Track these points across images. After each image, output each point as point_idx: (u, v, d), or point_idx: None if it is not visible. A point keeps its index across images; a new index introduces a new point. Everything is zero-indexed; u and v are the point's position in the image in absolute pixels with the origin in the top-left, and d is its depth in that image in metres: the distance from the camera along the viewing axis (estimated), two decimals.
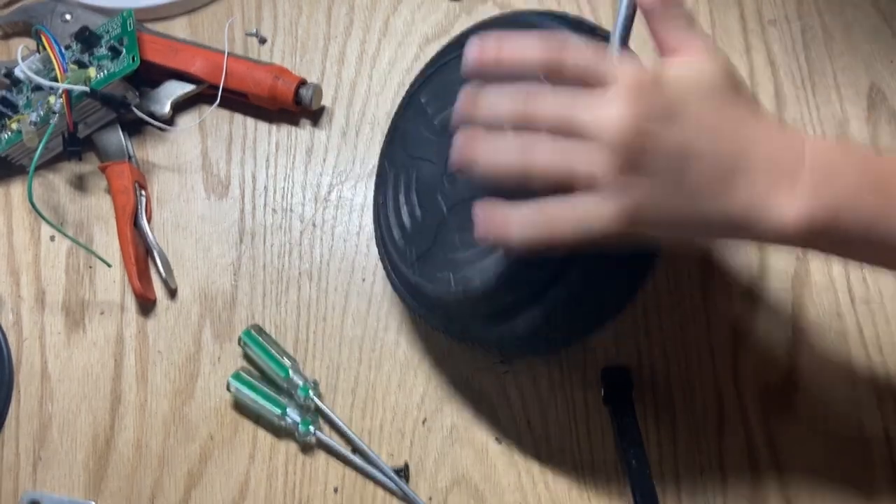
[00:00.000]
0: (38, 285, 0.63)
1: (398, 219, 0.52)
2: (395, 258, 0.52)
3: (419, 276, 0.50)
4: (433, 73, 0.51)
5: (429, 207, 0.50)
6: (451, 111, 0.48)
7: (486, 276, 0.45)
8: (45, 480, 0.59)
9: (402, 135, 0.53)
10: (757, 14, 0.68)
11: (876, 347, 0.59)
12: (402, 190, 0.52)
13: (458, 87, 0.47)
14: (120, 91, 0.64)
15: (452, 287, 0.47)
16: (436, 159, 0.50)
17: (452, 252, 0.48)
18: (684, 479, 0.56)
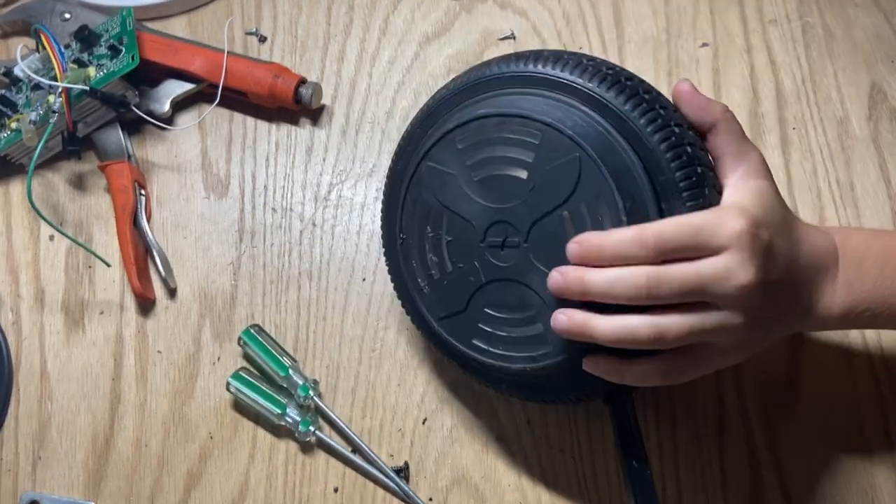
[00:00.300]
0: (37, 285, 0.63)
1: (424, 265, 0.51)
2: (417, 303, 0.51)
3: (448, 333, 0.50)
4: (473, 120, 0.47)
5: (463, 268, 0.49)
6: (496, 174, 0.47)
7: (531, 365, 0.46)
8: (45, 480, 0.59)
9: (432, 175, 0.49)
10: (758, 13, 0.68)
11: (876, 347, 0.59)
12: (428, 236, 0.50)
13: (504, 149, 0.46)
14: (119, 90, 0.64)
15: (489, 361, 0.48)
16: (474, 221, 0.48)
17: (489, 325, 0.48)
18: (684, 479, 0.56)
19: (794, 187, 0.63)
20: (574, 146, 0.44)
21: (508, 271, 0.47)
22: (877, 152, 0.64)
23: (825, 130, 0.64)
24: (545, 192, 0.45)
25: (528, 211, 0.45)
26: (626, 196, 0.43)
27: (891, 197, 0.62)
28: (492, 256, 0.48)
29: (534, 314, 0.46)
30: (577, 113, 0.45)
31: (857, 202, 0.62)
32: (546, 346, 0.46)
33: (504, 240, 0.47)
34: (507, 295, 0.47)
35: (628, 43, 0.67)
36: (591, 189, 0.43)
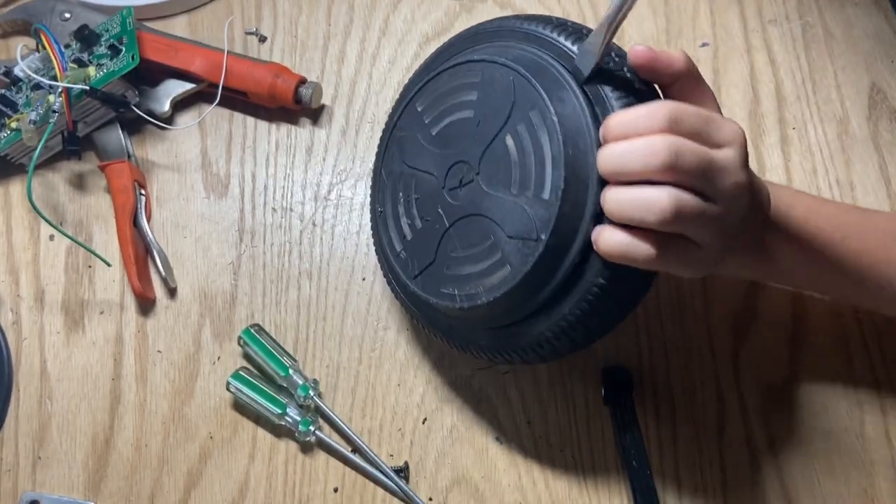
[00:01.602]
0: (37, 284, 0.63)
1: (398, 230, 0.52)
2: (396, 268, 0.52)
3: (422, 289, 0.50)
4: (428, 80, 0.51)
5: (430, 220, 0.50)
6: (449, 121, 0.49)
7: (492, 294, 0.46)
8: (45, 480, 0.59)
9: (399, 143, 0.53)
10: (758, 13, 0.68)
11: (876, 347, 0.59)
12: (401, 200, 0.52)
13: (454, 97, 0.49)
14: (119, 90, 0.64)
15: (457, 303, 0.48)
16: (436, 172, 0.50)
17: (456, 267, 0.48)
18: (684, 479, 0.56)
19: (794, 187, 0.63)
20: (509, 71, 0.46)
21: (466, 207, 0.48)
22: (877, 152, 0.64)
23: (825, 130, 0.64)
24: (489, 121, 0.46)
25: (476, 145, 0.47)
26: (557, 101, 0.44)
27: (891, 197, 0.62)
28: (452, 199, 0.49)
29: (492, 242, 0.46)
30: (514, 49, 0.47)
31: (856, 201, 0.62)
32: (504, 267, 0.45)
33: (461, 179, 0.48)
34: (469, 232, 0.47)
35: (628, 43, 0.67)
36: (526, 105, 0.45)
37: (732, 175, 0.41)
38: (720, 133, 0.41)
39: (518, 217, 0.44)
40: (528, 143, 0.44)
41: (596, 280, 0.44)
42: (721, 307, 0.60)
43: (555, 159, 0.43)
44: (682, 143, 0.39)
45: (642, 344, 0.59)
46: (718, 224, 0.41)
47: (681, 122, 0.40)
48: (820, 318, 0.59)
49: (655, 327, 0.60)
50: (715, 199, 0.40)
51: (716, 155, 0.40)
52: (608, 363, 0.59)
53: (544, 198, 0.43)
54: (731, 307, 0.60)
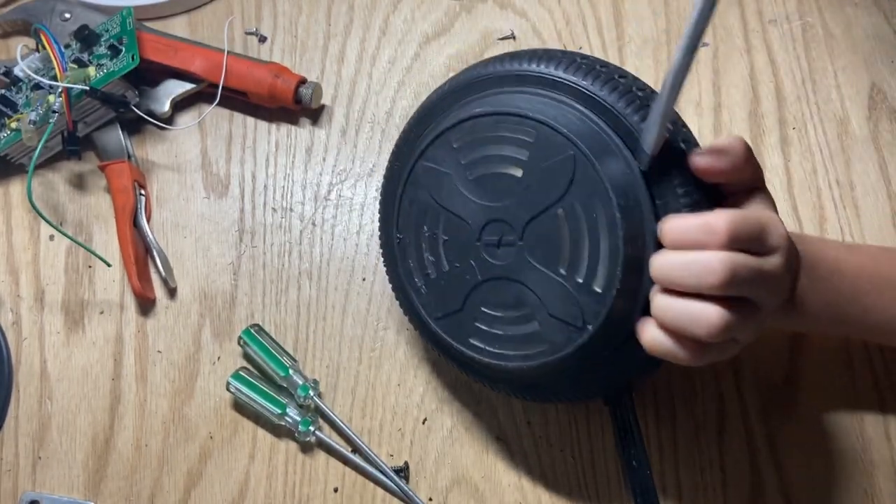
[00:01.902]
0: (37, 285, 0.63)
1: (420, 265, 0.51)
2: (414, 301, 0.51)
3: (445, 332, 0.50)
4: (467, 119, 0.47)
5: (459, 267, 0.49)
6: (491, 172, 0.47)
7: (525, 363, 0.46)
8: (45, 480, 0.59)
9: (427, 175, 0.49)
10: (758, 13, 0.68)
11: (876, 346, 0.59)
12: (424, 235, 0.50)
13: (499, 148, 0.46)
14: (119, 90, 0.64)
15: (485, 358, 0.48)
16: (470, 221, 0.48)
17: (486, 323, 0.48)
18: (684, 479, 0.56)
19: (794, 187, 0.63)
20: (568, 144, 0.43)
21: (504, 270, 0.47)
22: (877, 152, 0.64)
23: (825, 130, 0.64)
24: (540, 190, 0.45)
25: (523, 209, 0.45)
26: (620, 193, 0.42)
27: (891, 197, 0.62)
28: (488, 255, 0.47)
29: (529, 312, 0.46)
30: (571, 111, 0.45)
31: (857, 202, 0.62)
32: (541, 343, 0.45)
33: (500, 238, 0.47)
34: (503, 293, 0.47)
35: (628, 43, 0.67)
36: (586, 187, 0.43)
37: (777, 281, 0.42)
38: (771, 240, 0.41)
39: (564, 299, 0.44)
40: (584, 228, 0.43)
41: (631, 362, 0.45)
42: None
43: (612, 253, 0.42)
44: (740, 263, 0.39)
45: None
46: (760, 324, 0.42)
47: (739, 237, 0.40)
48: None
49: None
50: (760, 304, 0.41)
51: (766, 266, 0.41)
52: None
53: (595, 289, 0.43)
54: None
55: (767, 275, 0.41)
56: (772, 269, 0.41)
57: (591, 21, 0.68)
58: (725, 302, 0.39)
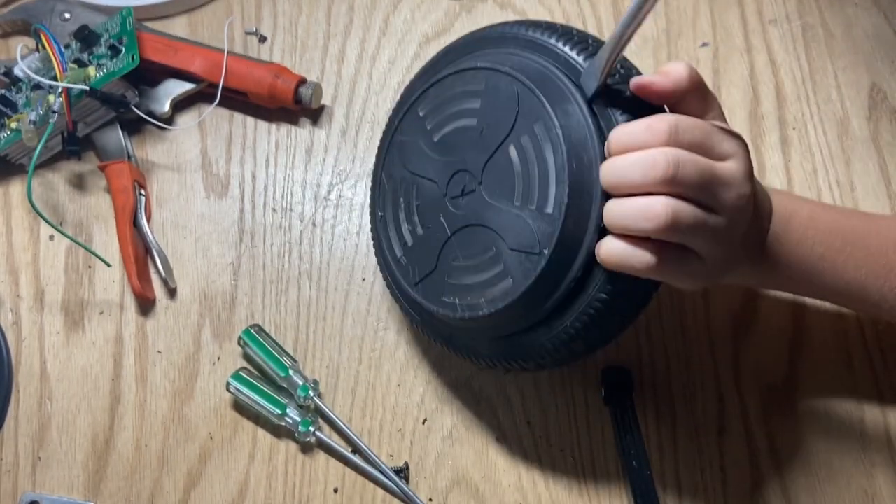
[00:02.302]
0: (37, 285, 0.63)
1: (399, 235, 0.52)
2: (396, 274, 0.52)
3: (423, 297, 0.50)
4: (431, 86, 0.50)
5: (431, 227, 0.50)
6: (452, 128, 0.48)
7: (494, 306, 0.46)
8: (45, 481, 0.58)
9: (401, 148, 0.52)
10: (758, 13, 0.68)
11: (876, 346, 0.59)
12: (401, 206, 0.52)
13: (457, 104, 0.48)
14: (119, 90, 0.64)
15: (458, 313, 0.48)
16: (437, 179, 0.49)
17: (457, 277, 0.48)
18: (684, 479, 0.56)
19: (794, 187, 0.63)
20: (512, 80, 0.45)
21: (468, 217, 0.47)
22: (877, 152, 0.64)
23: (825, 130, 0.64)
24: (492, 131, 0.46)
25: (480, 154, 0.47)
26: (562, 114, 0.43)
27: (891, 197, 0.62)
28: (454, 207, 0.48)
29: (494, 254, 0.46)
30: (518, 57, 0.47)
31: (857, 202, 0.62)
32: (506, 281, 0.45)
33: (463, 187, 0.48)
34: (471, 242, 0.47)
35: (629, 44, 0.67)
36: (531, 116, 0.44)
37: (735, 187, 0.41)
38: (723, 145, 0.41)
39: (521, 230, 0.44)
40: (532, 156, 0.44)
41: (597, 294, 0.44)
42: (721, 308, 0.60)
43: (558, 173, 0.43)
44: (682, 155, 0.39)
45: (642, 344, 0.59)
46: (719, 235, 0.41)
47: (682, 134, 0.40)
48: (820, 319, 0.59)
49: (655, 327, 0.60)
50: (717, 210, 0.41)
51: (718, 166, 0.40)
52: (608, 363, 0.59)
53: (547, 212, 0.43)
54: (730, 308, 0.60)
55: (719, 176, 0.40)
56: (724, 171, 0.40)
57: (592, 20, 0.68)
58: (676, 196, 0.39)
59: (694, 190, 0.39)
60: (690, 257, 0.41)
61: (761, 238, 0.46)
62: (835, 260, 0.49)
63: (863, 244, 0.50)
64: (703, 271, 0.42)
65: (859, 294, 0.50)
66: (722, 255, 0.42)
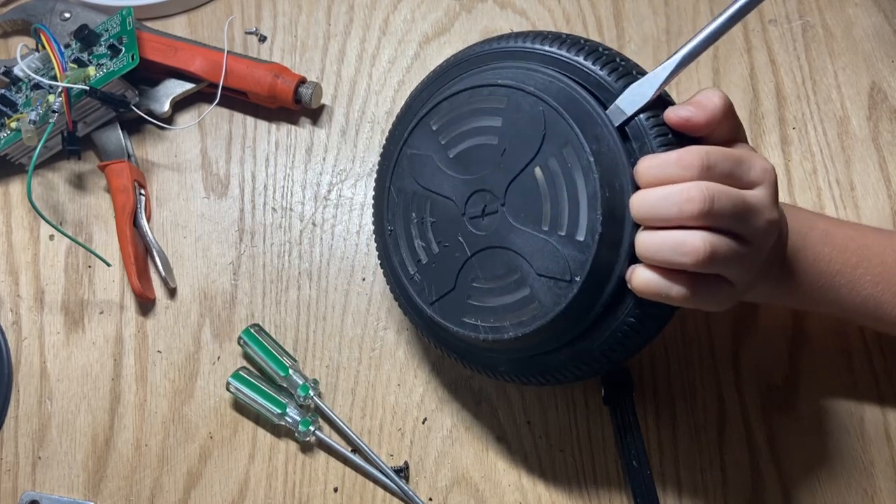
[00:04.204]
0: (37, 284, 0.63)
1: (412, 252, 0.51)
2: (409, 291, 0.51)
3: (440, 316, 0.49)
4: (444, 99, 0.49)
5: (449, 246, 0.49)
6: (469, 145, 0.47)
7: (520, 330, 0.45)
8: (45, 480, 0.59)
9: (412, 162, 0.50)
10: (758, 13, 0.68)
11: (876, 346, 0.59)
12: (413, 221, 0.51)
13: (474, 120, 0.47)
14: (119, 90, 0.64)
15: (481, 334, 0.47)
16: (454, 197, 0.48)
17: (479, 298, 0.47)
18: (684, 479, 0.56)
19: (794, 187, 0.63)
20: (538, 101, 0.44)
21: (490, 239, 0.47)
22: (877, 152, 0.64)
23: (825, 130, 0.64)
24: (516, 152, 0.45)
25: (502, 174, 0.46)
26: (592, 139, 0.43)
27: (891, 197, 0.62)
28: (473, 227, 0.47)
29: (519, 277, 0.45)
30: (540, 74, 0.46)
31: (857, 202, 0.62)
32: (533, 306, 0.45)
33: (483, 207, 0.47)
34: (493, 263, 0.47)
35: (629, 43, 0.67)
36: (558, 139, 0.43)
37: (765, 214, 0.41)
38: (751, 173, 0.41)
39: (549, 255, 0.44)
40: (562, 180, 0.43)
41: (626, 319, 0.44)
42: None
43: (590, 200, 0.42)
44: (717, 190, 0.39)
45: None
46: (751, 263, 0.41)
47: (714, 168, 0.40)
48: (820, 318, 0.59)
49: None
50: (748, 238, 0.41)
51: (748, 196, 0.41)
52: None
53: (579, 239, 0.42)
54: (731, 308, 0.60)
55: (750, 205, 0.40)
56: (755, 200, 0.41)
57: (591, 20, 0.68)
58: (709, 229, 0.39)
59: (727, 221, 0.40)
60: (723, 285, 0.42)
61: (781, 256, 0.47)
62: (851, 276, 0.49)
63: (879, 260, 0.50)
64: (734, 296, 0.43)
65: (875, 311, 0.50)
66: (752, 279, 0.43)
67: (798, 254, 0.47)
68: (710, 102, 0.42)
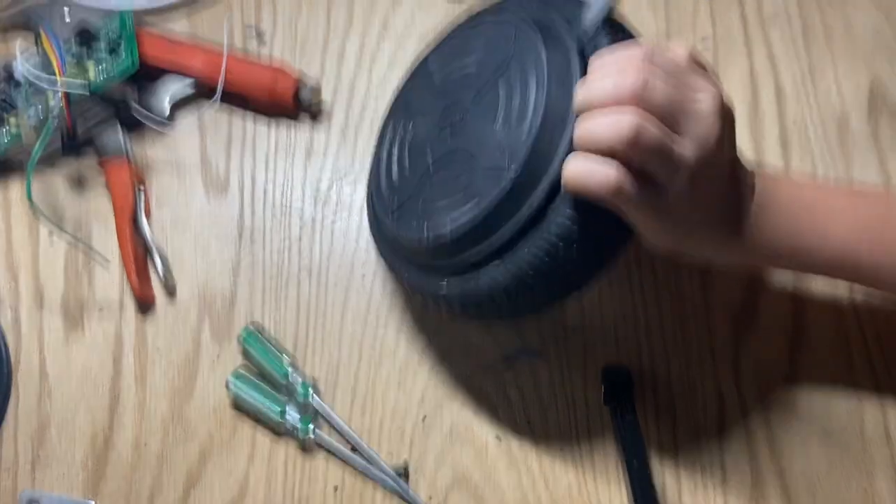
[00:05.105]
0: (36, 284, 0.63)
1: (388, 171, 0.53)
2: (377, 208, 0.53)
3: (396, 225, 0.51)
4: (442, 42, 0.53)
5: (418, 159, 0.51)
6: (453, 74, 0.51)
7: (455, 225, 0.46)
8: (44, 480, 0.58)
9: (409, 93, 0.55)
10: (758, 11, 0.68)
11: (877, 346, 0.59)
12: (396, 144, 0.54)
13: (463, 54, 0.51)
14: (119, 90, 0.64)
15: (424, 234, 0.48)
16: (430, 110, 0.51)
17: (431, 202, 0.48)
18: (684, 479, 0.56)
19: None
20: (515, 26, 0.47)
21: (449, 144, 0.49)
22: (877, 152, 0.64)
23: (825, 130, 0.64)
24: (485, 69, 0.48)
25: (473, 90, 0.48)
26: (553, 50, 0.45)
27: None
28: (439, 138, 0.50)
29: (468, 175, 0.46)
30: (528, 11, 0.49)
31: None
32: (474, 200, 0.45)
33: (451, 121, 0.49)
34: (450, 166, 0.48)
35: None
36: (524, 55, 0.46)
37: (703, 122, 0.41)
38: (697, 81, 0.42)
39: (494, 149, 0.45)
40: (518, 85, 0.45)
41: (559, 220, 0.43)
42: (721, 306, 0.60)
43: (537, 98, 0.44)
44: (653, 74, 0.40)
45: (642, 344, 0.59)
46: (683, 165, 0.41)
47: (656, 58, 0.41)
48: (820, 317, 0.59)
49: (655, 327, 0.60)
50: (683, 135, 0.41)
51: (687, 96, 0.41)
52: (608, 363, 0.59)
53: (521, 131, 0.44)
54: (731, 307, 0.60)
55: (687, 105, 0.41)
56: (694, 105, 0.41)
57: None
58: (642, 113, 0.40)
59: (661, 110, 0.40)
60: (651, 186, 0.41)
61: (742, 208, 0.46)
62: (821, 230, 0.49)
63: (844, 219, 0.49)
64: (664, 207, 0.42)
65: (844, 269, 0.51)
66: (686, 194, 0.42)
67: (761, 209, 0.47)
68: (676, 56, 0.43)
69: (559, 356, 0.59)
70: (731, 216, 0.46)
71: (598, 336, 0.59)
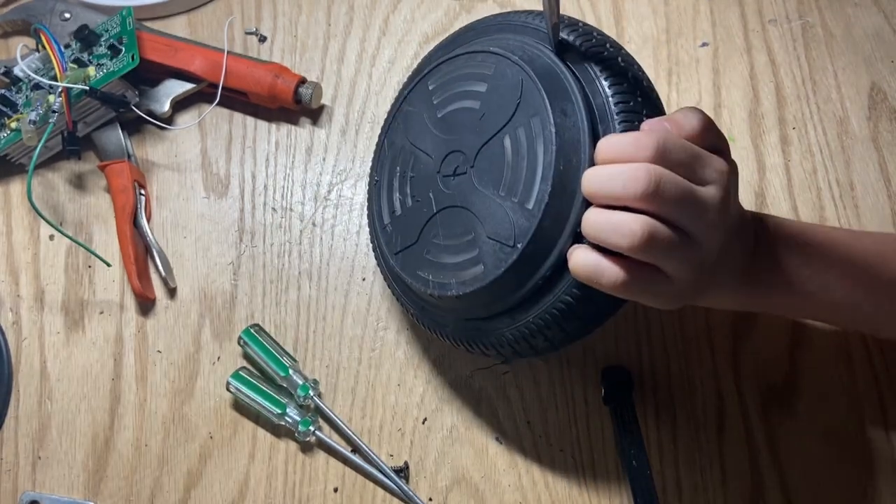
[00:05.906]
0: (37, 284, 0.63)
1: (390, 204, 0.53)
2: (381, 240, 0.53)
3: (400, 267, 0.51)
4: (444, 61, 0.51)
5: (420, 201, 0.50)
6: (455, 108, 0.49)
7: (462, 289, 0.46)
8: (45, 480, 0.59)
9: (406, 118, 0.53)
10: (758, 13, 0.68)
11: (876, 346, 0.59)
12: (397, 175, 0.53)
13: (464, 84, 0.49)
14: (119, 90, 0.64)
15: (430, 289, 0.48)
16: (434, 155, 0.50)
17: (435, 254, 0.49)
18: (684, 479, 0.56)
19: (794, 187, 0.63)
20: (520, 70, 0.45)
21: (455, 198, 0.48)
22: (877, 152, 0.64)
23: (825, 130, 0.64)
24: (492, 117, 0.46)
25: (477, 138, 0.47)
26: (559, 112, 0.44)
27: (890, 197, 0.62)
28: (444, 186, 0.49)
29: (472, 238, 0.46)
30: (532, 48, 0.47)
31: (856, 202, 0.62)
32: (478, 267, 0.45)
33: (455, 168, 0.48)
34: (453, 222, 0.48)
35: (628, 43, 0.67)
36: (530, 109, 0.44)
37: (711, 213, 0.41)
38: (706, 170, 0.41)
39: (500, 220, 0.45)
40: (524, 149, 0.44)
41: (563, 297, 0.44)
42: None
43: (545, 171, 0.43)
44: (664, 174, 0.39)
45: (642, 344, 0.59)
46: (691, 259, 0.41)
47: (669, 155, 0.40)
48: None
49: (655, 327, 0.60)
50: (691, 234, 0.41)
51: (697, 190, 0.40)
52: (608, 363, 0.59)
53: (528, 207, 0.43)
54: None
55: (698, 198, 0.40)
56: (703, 195, 0.40)
57: (591, 20, 0.68)
58: (653, 216, 0.39)
59: (672, 209, 0.39)
60: (659, 279, 0.41)
61: (743, 261, 0.46)
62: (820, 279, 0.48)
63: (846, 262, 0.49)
64: (671, 294, 0.42)
65: (852, 312, 0.50)
66: (692, 279, 0.42)
67: (764, 261, 0.47)
68: (689, 124, 0.42)
69: (559, 356, 0.59)
70: (734, 270, 0.46)
71: (598, 336, 0.59)
